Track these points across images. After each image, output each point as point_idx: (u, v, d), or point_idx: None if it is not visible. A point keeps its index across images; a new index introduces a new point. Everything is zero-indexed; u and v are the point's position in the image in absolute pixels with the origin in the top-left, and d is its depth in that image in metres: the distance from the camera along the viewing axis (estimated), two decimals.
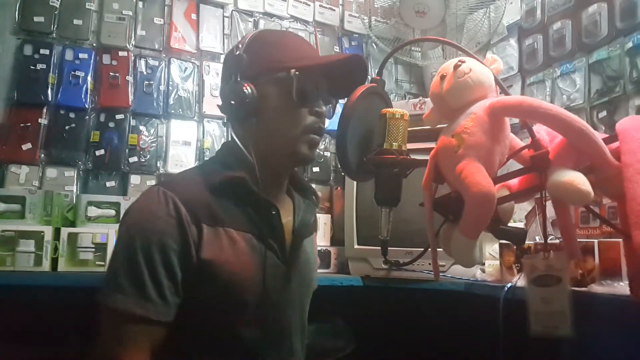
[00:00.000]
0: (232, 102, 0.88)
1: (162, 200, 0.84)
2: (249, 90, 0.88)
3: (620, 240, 0.92)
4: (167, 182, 0.93)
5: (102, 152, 1.72)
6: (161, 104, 1.84)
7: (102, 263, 1.46)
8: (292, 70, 0.89)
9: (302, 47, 0.97)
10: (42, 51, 1.69)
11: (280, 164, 0.95)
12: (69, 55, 1.73)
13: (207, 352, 0.85)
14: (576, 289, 0.99)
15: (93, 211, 1.54)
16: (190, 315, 0.83)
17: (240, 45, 0.92)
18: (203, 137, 1.89)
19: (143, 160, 1.79)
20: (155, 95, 1.83)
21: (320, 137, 0.95)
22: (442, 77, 0.83)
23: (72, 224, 1.52)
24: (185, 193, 0.85)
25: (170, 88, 1.86)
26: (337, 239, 1.83)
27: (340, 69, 0.93)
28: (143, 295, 0.79)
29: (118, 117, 1.77)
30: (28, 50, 1.68)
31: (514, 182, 0.84)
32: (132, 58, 1.82)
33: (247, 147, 0.90)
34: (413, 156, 0.87)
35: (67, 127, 1.69)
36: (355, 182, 1.61)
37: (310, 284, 1.04)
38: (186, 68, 1.90)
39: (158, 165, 1.81)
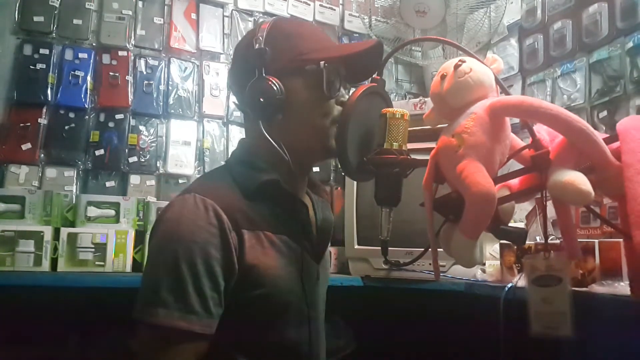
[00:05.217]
0: (261, 99, 0.83)
1: (201, 207, 0.79)
2: (277, 86, 0.84)
3: (621, 240, 0.92)
4: (200, 188, 0.85)
5: (101, 152, 1.72)
6: (161, 103, 1.84)
7: (102, 263, 1.46)
8: (322, 63, 0.86)
9: (320, 36, 0.94)
10: (41, 51, 1.69)
11: (309, 158, 0.93)
12: (68, 55, 1.73)
13: (252, 358, 0.83)
14: (577, 289, 0.99)
15: (93, 211, 1.54)
16: (233, 323, 0.80)
17: (260, 38, 0.86)
18: (203, 137, 1.89)
19: (143, 160, 1.79)
20: (155, 95, 1.83)
21: None
22: (443, 77, 0.83)
23: (72, 224, 1.52)
24: (222, 199, 0.82)
25: (170, 88, 1.86)
26: (337, 239, 1.82)
27: (363, 57, 0.91)
28: (187, 309, 0.75)
29: (118, 117, 1.77)
30: (28, 50, 1.68)
31: (515, 182, 0.83)
32: (132, 58, 1.82)
33: (279, 145, 0.85)
34: (413, 156, 0.86)
35: (66, 127, 1.69)
36: (355, 182, 1.60)
37: (328, 279, 1.04)
38: (186, 68, 1.90)
39: (158, 165, 1.81)
